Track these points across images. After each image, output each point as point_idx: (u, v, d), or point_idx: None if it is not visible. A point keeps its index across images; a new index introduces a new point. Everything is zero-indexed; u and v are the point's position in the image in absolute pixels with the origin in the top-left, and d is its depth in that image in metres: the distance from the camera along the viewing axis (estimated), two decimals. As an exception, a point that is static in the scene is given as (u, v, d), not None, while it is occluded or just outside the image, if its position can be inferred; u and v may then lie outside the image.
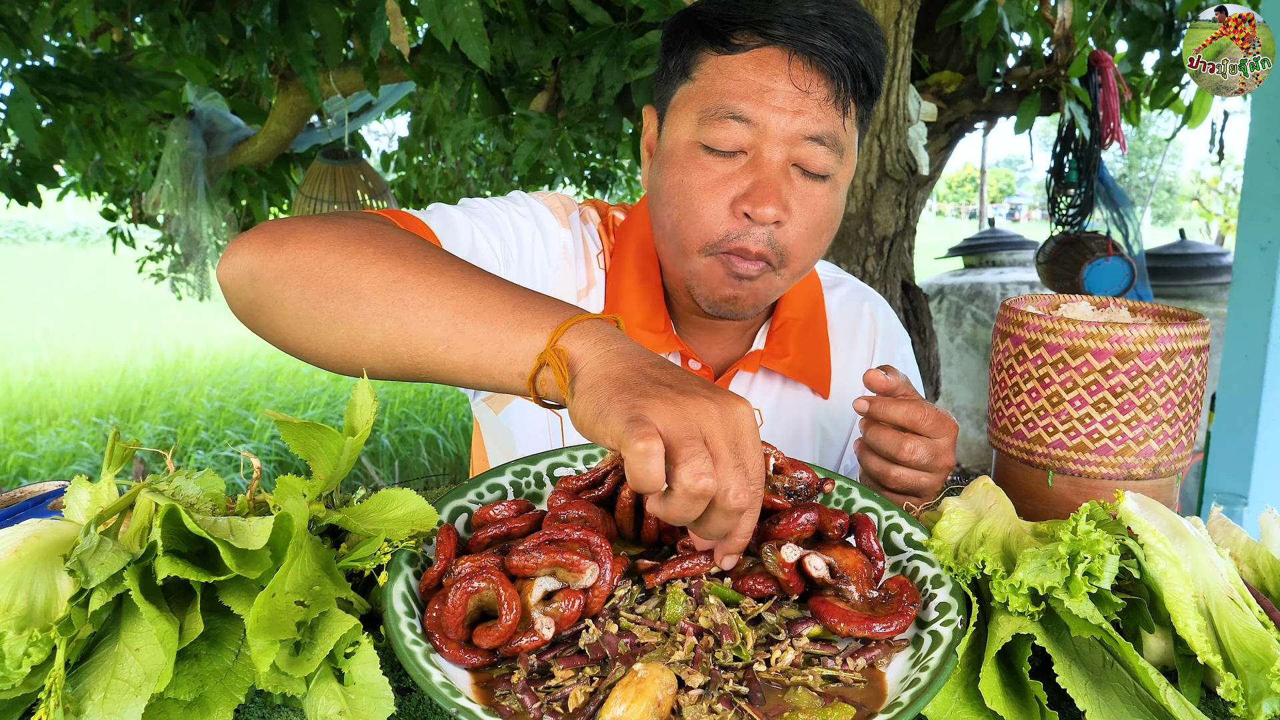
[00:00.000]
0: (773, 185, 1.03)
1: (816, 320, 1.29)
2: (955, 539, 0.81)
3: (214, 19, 3.15)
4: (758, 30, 1.03)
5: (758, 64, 1.03)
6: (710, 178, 1.06)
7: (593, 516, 0.79)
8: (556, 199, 1.26)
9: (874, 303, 1.38)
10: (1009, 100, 3.57)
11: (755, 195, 1.03)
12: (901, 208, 2.97)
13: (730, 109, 1.03)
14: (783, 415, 1.27)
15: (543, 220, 1.21)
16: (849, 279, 1.40)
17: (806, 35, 1.02)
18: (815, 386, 1.28)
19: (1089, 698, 0.65)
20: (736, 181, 1.05)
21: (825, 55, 1.02)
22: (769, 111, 1.02)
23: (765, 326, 1.28)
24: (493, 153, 6.19)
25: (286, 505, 0.70)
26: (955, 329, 5.99)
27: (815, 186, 1.07)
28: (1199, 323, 0.99)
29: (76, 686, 0.62)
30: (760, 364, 1.24)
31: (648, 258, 1.22)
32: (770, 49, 1.03)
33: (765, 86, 1.03)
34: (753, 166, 1.05)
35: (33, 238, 28.46)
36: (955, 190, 46.74)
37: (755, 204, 1.03)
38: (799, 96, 1.03)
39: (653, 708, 0.62)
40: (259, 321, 0.91)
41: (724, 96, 1.04)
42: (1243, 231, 2.34)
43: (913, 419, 1.01)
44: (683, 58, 1.10)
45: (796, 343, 1.26)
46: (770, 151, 1.04)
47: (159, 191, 4.46)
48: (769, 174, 1.04)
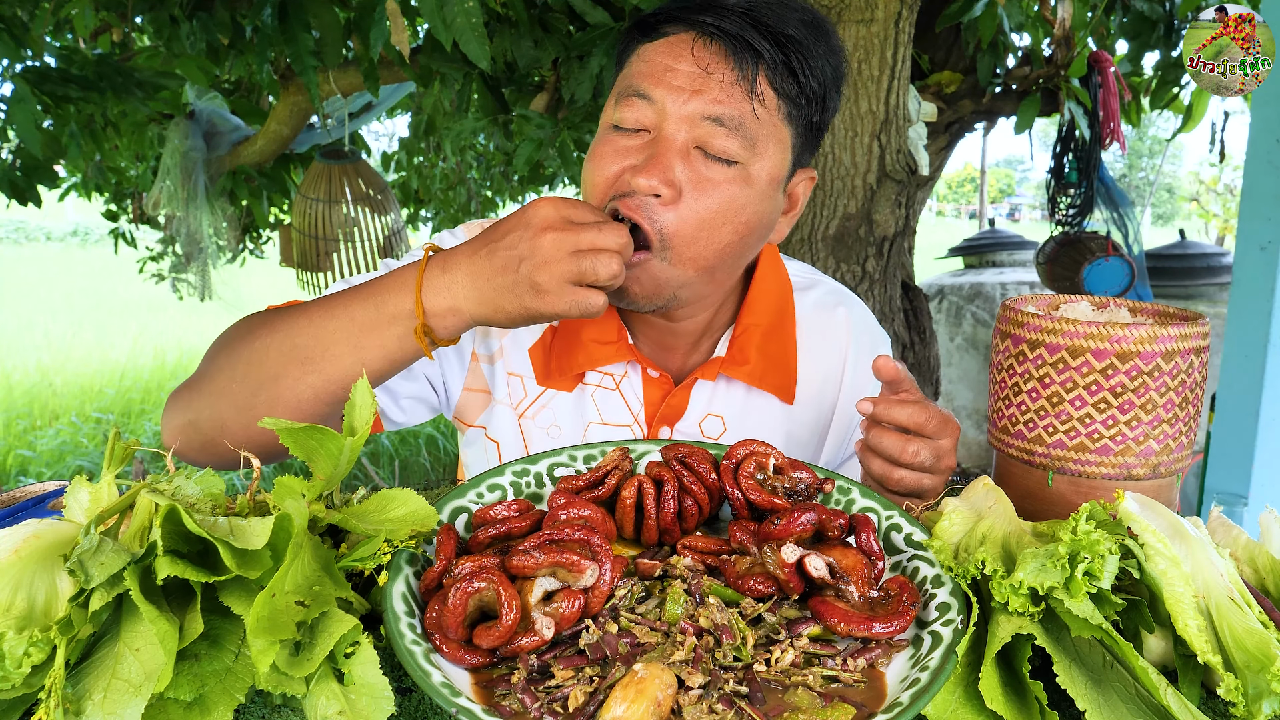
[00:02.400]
0: (661, 160, 1.04)
1: (783, 325, 1.27)
2: (955, 539, 0.81)
3: (214, 19, 3.15)
4: (682, 19, 1.06)
5: (669, 47, 1.06)
6: (611, 149, 1.08)
7: (593, 516, 0.79)
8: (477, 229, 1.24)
9: (849, 305, 1.35)
10: (1009, 100, 3.57)
11: (641, 166, 1.04)
12: (901, 208, 2.97)
13: (635, 88, 1.06)
14: (748, 422, 1.26)
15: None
16: (825, 281, 1.37)
17: (717, 18, 1.04)
18: (779, 394, 1.26)
19: (1089, 698, 0.65)
20: (634, 155, 1.06)
21: (731, 38, 1.03)
22: (667, 90, 1.04)
23: (728, 333, 1.26)
24: (493, 153, 6.19)
25: (286, 505, 0.70)
26: (955, 329, 5.99)
27: (716, 170, 1.05)
28: (1199, 323, 0.99)
29: (76, 686, 0.62)
30: (720, 371, 1.23)
31: None
32: (684, 34, 1.06)
33: (669, 66, 1.05)
34: (651, 143, 1.06)
35: (33, 238, 28.45)
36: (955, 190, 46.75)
37: (637, 173, 1.03)
38: (699, 76, 1.04)
39: (653, 708, 0.62)
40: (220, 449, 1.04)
41: (633, 78, 1.07)
42: (1243, 231, 2.34)
43: (917, 421, 1.00)
44: (620, 53, 1.14)
45: (758, 349, 1.24)
46: (671, 130, 1.05)
47: (159, 192, 4.46)
48: (661, 150, 1.04)
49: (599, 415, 1.23)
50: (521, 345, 1.24)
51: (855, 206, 2.92)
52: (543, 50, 3.10)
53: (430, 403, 1.27)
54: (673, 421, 1.24)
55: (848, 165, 2.84)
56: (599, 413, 1.23)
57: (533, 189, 6.25)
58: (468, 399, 1.27)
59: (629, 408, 1.23)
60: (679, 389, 1.24)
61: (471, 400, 1.27)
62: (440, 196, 6.37)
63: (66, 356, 8.92)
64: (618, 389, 1.23)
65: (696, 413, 1.24)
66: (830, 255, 2.97)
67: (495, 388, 1.25)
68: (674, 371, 1.26)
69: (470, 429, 1.30)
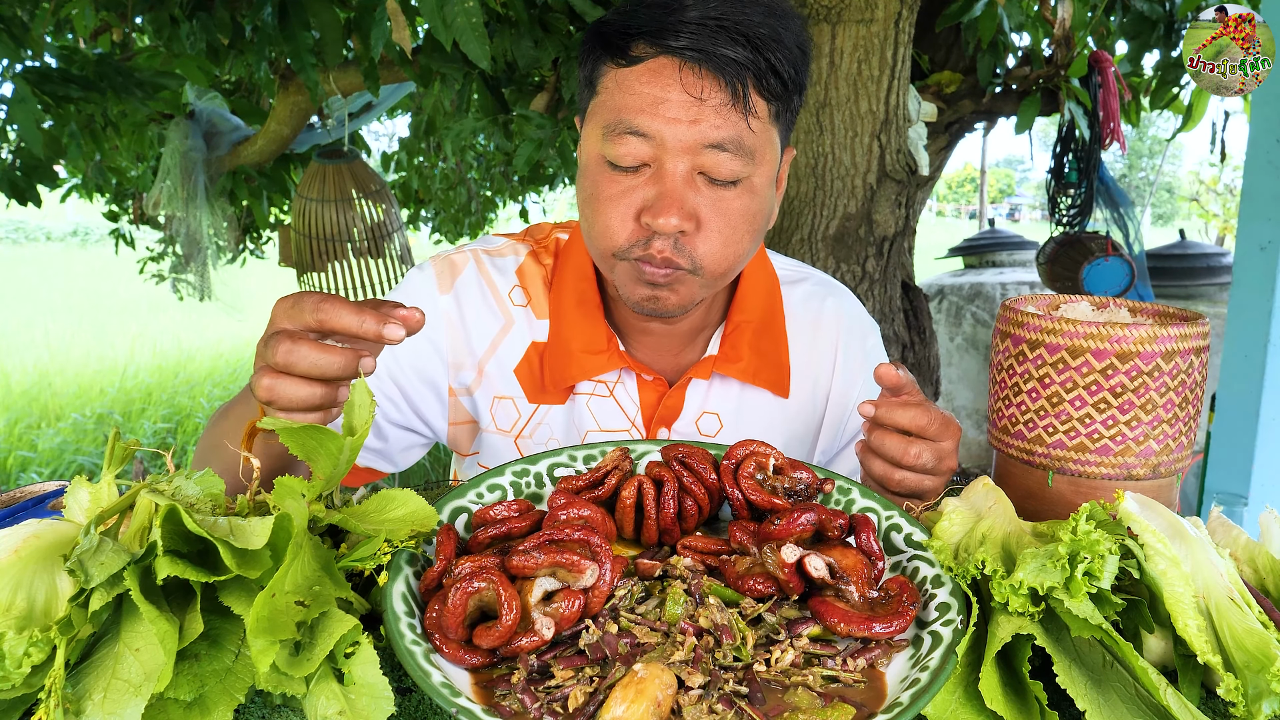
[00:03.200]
0: (674, 196, 1.03)
1: (773, 321, 1.28)
2: (955, 539, 0.81)
3: (214, 19, 3.15)
4: (653, 41, 1.03)
5: (651, 75, 1.03)
6: (615, 189, 1.06)
7: (593, 516, 0.79)
8: (446, 262, 1.26)
9: (838, 296, 1.36)
10: (1009, 100, 3.57)
11: (657, 206, 1.03)
12: (901, 208, 2.97)
13: (628, 124, 1.03)
14: (744, 419, 1.27)
15: (414, 297, 1.24)
16: (812, 274, 1.38)
17: (698, 42, 1.01)
18: (773, 389, 1.26)
19: (1089, 698, 0.65)
20: (641, 193, 1.05)
21: (717, 60, 1.01)
22: (664, 124, 1.02)
23: (719, 331, 1.26)
24: (493, 153, 6.20)
25: (286, 505, 0.70)
26: (955, 329, 6.00)
27: (725, 192, 1.06)
28: (1199, 323, 0.98)
29: (76, 686, 0.62)
30: (714, 369, 1.24)
31: (584, 278, 1.23)
32: (663, 59, 1.03)
33: (659, 98, 1.02)
34: (655, 178, 1.04)
35: (33, 238, 28.45)
36: (955, 190, 46.76)
37: (655, 214, 1.03)
38: (693, 105, 1.02)
39: (653, 708, 0.62)
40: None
41: (621, 112, 1.04)
42: (1243, 231, 2.34)
43: (919, 424, 1.00)
44: (588, 71, 1.11)
45: (751, 346, 1.25)
46: (672, 163, 1.03)
47: (159, 192, 4.46)
48: (670, 185, 1.03)
49: (595, 423, 1.24)
50: (505, 367, 1.24)
51: (855, 206, 2.92)
52: (543, 50, 3.11)
53: (422, 442, 1.31)
54: (669, 422, 1.24)
55: (848, 165, 2.84)
56: (595, 420, 1.24)
57: (533, 189, 6.26)
58: (456, 432, 1.29)
59: (625, 413, 1.24)
60: (674, 390, 1.24)
61: (460, 433, 1.29)
62: (441, 197, 6.38)
63: (66, 356, 8.92)
64: (612, 395, 1.24)
65: (692, 412, 1.25)
66: (830, 255, 2.97)
67: (480, 416, 1.26)
68: (667, 372, 1.26)
69: (466, 458, 1.33)
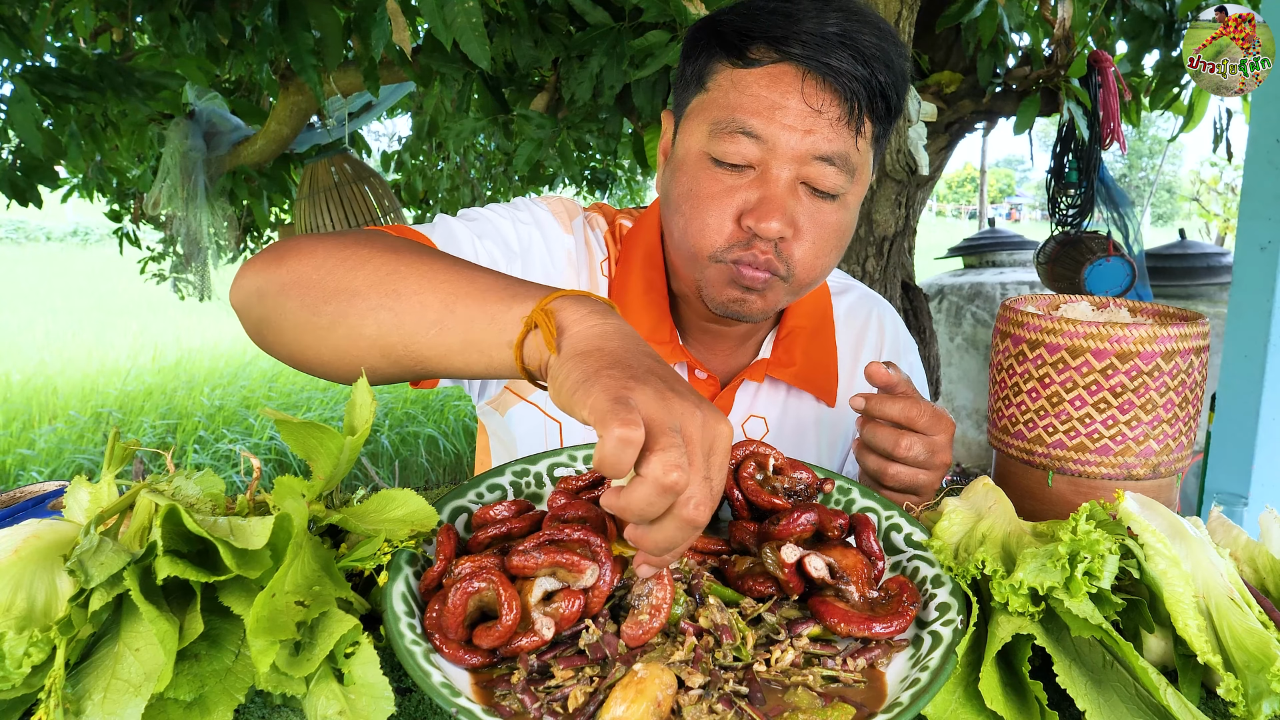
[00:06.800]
0: (778, 201, 1.03)
1: (824, 328, 1.29)
2: (955, 539, 0.81)
3: (214, 19, 3.14)
4: (774, 46, 1.02)
5: (771, 80, 1.03)
6: (718, 188, 1.06)
7: (593, 516, 0.79)
8: (560, 204, 1.26)
9: (882, 309, 1.38)
10: (1009, 100, 3.57)
11: (760, 210, 1.03)
12: (901, 208, 2.97)
13: (741, 124, 1.03)
14: (787, 423, 1.27)
15: (546, 227, 1.22)
16: (857, 285, 1.40)
17: (823, 54, 1.00)
18: (821, 395, 1.28)
19: (1089, 698, 0.65)
20: (743, 194, 1.05)
21: (840, 75, 1.01)
22: (779, 129, 1.02)
23: (772, 335, 1.27)
24: (493, 153, 6.20)
25: (286, 505, 0.70)
26: (955, 329, 6.00)
27: (823, 204, 1.06)
28: (1199, 323, 0.98)
29: (76, 686, 0.62)
30: (766, 373, 1.25)
31: (654, 267, 1.22)
32: (785, 65, 1.02)
33: (777, 104, 1.02)
34: (760, 181, 1.04)
35: (33, 238, 28.46)
36: (955, 190, 46.75)
37: (760, 219, 1.03)
38: (810, 116, 1.02)
39: (653, 708, 0.62)
40: (268, 338, 0.95)
41: (735, 110, 1.04)
42: (1243, 231, 2.34)
43: (909, 415, 1.01)
44: (699, 67, 1.10)
45: (803, 351, 1.26)
46: (779, 168, 1.03)
47: (159, 192, 4.46)
48: (775, 190, 1.03)
49: None
50: None
51: (855, 206, 2.92)
52: (543, 50, 3.10)
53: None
54: None
55: (848, 165, 2.84)
56: None
57: (533, 188, 6.26)
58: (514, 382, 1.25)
59: None
60: (725, 390, 1.25)
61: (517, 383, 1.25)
62: (445, 196, 6.38)
63: (66, 357, 8.92)
64: None
65: (740, 413, 1.26)
66: (830, 255, 2.97)
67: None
68: (719, 372, 1.27)
69: (521, 403, 1.24)
